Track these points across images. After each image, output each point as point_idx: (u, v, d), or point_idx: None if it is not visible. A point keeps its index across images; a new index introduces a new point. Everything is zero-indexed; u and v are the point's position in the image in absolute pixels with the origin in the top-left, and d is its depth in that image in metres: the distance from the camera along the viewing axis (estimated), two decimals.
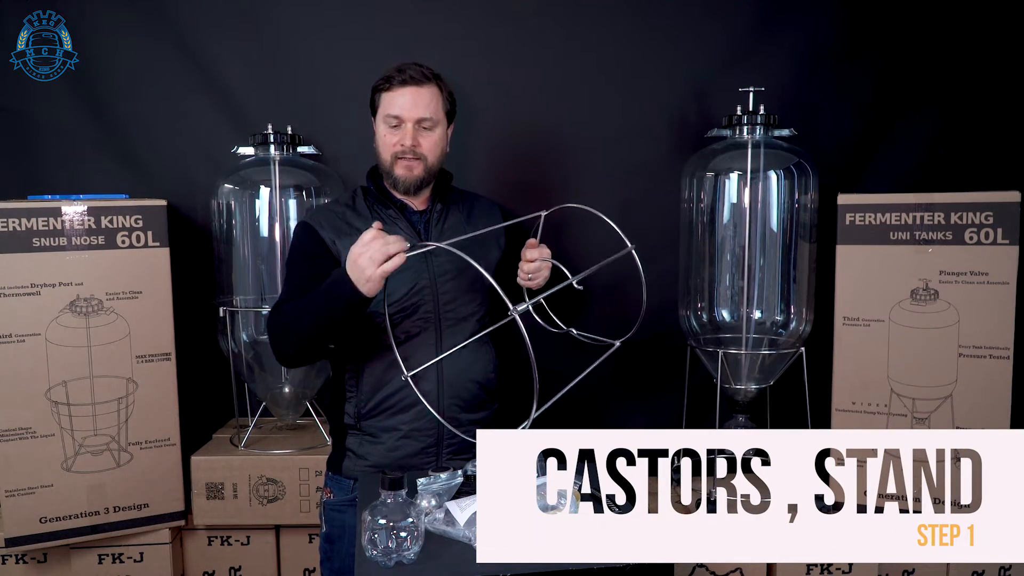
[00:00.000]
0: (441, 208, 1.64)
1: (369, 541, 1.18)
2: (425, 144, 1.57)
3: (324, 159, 2.16)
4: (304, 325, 1.45)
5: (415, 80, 1.55)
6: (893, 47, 2.16)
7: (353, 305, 1.35)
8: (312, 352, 1.56)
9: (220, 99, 2.19)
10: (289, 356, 1.55)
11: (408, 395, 1.55)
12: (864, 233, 1.92)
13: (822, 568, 1.92)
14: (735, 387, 2.00)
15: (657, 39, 2.19)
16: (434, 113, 1.57)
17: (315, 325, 1.44)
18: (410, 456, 1.58)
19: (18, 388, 1.85)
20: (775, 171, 1.94)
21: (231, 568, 2.07)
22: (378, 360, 1.56)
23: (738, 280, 1.97)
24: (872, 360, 1.92)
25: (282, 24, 2.18)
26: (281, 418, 2.20)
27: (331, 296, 1.38)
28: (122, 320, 1.92)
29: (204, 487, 1.99)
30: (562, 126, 2.21)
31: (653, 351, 2.25)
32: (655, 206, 2.19)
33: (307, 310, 1.44)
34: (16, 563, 1.96)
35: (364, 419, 1.59)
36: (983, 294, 1.85)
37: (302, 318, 1.45)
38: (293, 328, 1.48)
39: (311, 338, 1.47)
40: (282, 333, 1.50)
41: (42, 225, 1.85)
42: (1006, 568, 1.97)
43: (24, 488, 1.87)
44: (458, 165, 2.13)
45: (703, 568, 1.92)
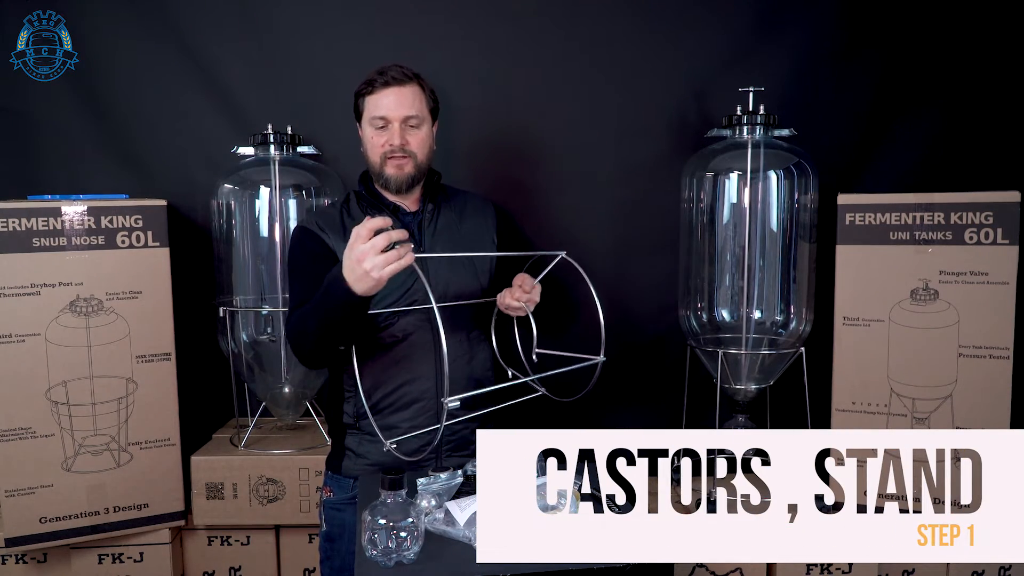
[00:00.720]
0: (433, 208, 1.65)
1: (369, 541, 1.18)
2: (413, 142, 1.58)
3: (324, 159, 2.16)
4: (311, 330, 1.46)
5: (397, 80, 1.56)
6: (893, 47, 2.16)
7: (349, 307, 1.35)
8: (329, 353, 1.55)
9: (220, 99, 2.19)
10: (309, 359, 1.57)
11: (406, 393, 1.56)
12: (864, 233, 1.92)
13: (822, 568, 1.92)
14: (735, 387, 2.00)
15: (657, 39, 2.19)
16: (419, 111, 1.58)
17: (319, 329, 1.44)
18: (409, 454, 1.58)
19: (18, 388, 1.85)
20: (775, 171, 1.94)
21: (231, 568, 2.07)
22: (376, 359, 1.56)
23: (738, 280, 1.97)
24: (872, 360, 1.92)
25: (282, 24, 2.18)
26: (281, 418, 2.20)
27: (327, 299, 1.38)
28: (122, 320, 1.92)
29: (204, 487, 1.99)
30: (562, 126, 2.21)
31: (653, 351, 2.25)
32: (655, 206, 2.19)
33: (310, 315, 1.44)
34: (16, 563, 1.96)
35: (363, 418, 1.59)
36: (983, 294, 1.85)
37: (307, 323, 1.46)
38: (303, 333, 1.49)
39: (320, 341, 1.47)
40: (296, 339, 1.52)
41: (42, 225, 1.85)
42: (1006, 568, 1.97)
43: (24, 488, 1.87)
44: (458, 165, 2.14)
45: (703, 568, 1.92)
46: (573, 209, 2.22)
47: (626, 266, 2.24)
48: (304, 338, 1.49)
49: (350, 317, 1.38)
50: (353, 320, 1.39)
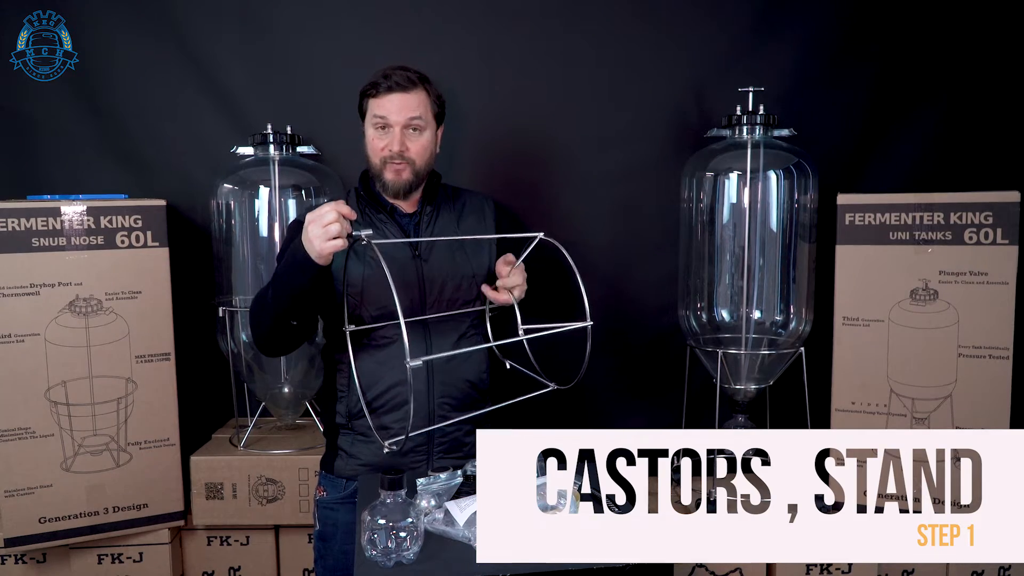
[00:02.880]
0: (431, 210, 1.64)
1: (369, 541, 1.18)
2: (413, 148, 1.57)
3: (324, 159, 2.16)
4: (270, 298, 1.47)
5: (401, 86, 1.55)
6: (893, 47, 2.16)
7: (306, 269, 1.37)
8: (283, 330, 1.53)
9: (220, 99, 2.19)
10: (264, 338, 1.54)
11: (398, 394, 1.55)
12: (864, 233, 1.92)
13: (822, 568, 1.92)
14: (735, 387, 2.00)
15: (657, 39, 2.19)
16: (422, 117, 1.57)
17: (278, 296, 1.45)
18: (401, 455, 1.57)
19: (17, 388, 1.85)
20: (775, 171, 1.94)
21: (230, 568, 2.07)
22: (368, 359, 1.56)
23: (738, 280, 1.97)
24: (872, 360, 1.92)
25: (282, 24, 2.18)
26: (280, 418, 2.20)
27: (287, 265, 1.41)
28: (121, 320, 1.92)
29: (203, 487, 1.99)
30: (562, 126, 2.21)
31: (653, 351, 2.25)
32: (655, 206, 2.19)
33: (270, 285, 1.47)
34: (16, 563, 1.96)
35: (356, 418, 1.59)
36: (983, 294, 1.85)
37: (266, 293, 1.48)
38: (263, 306, 1.49)
39: (277, 313, 1.47)
40: (255, 314, 1.53)
41: (41, 225, 1.85)
42: (1006, 568, 1.97)
43: (23, 488, 1.87)
44: (458, 165, 2.15)
45: (703, 568, 1.92)
46: (573, 209, 2.22)
47: (626, 266, 2.24)
48: (263, 311, 1.50)
49: (301, 281, 1.40)
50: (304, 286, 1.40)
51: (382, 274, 1.50)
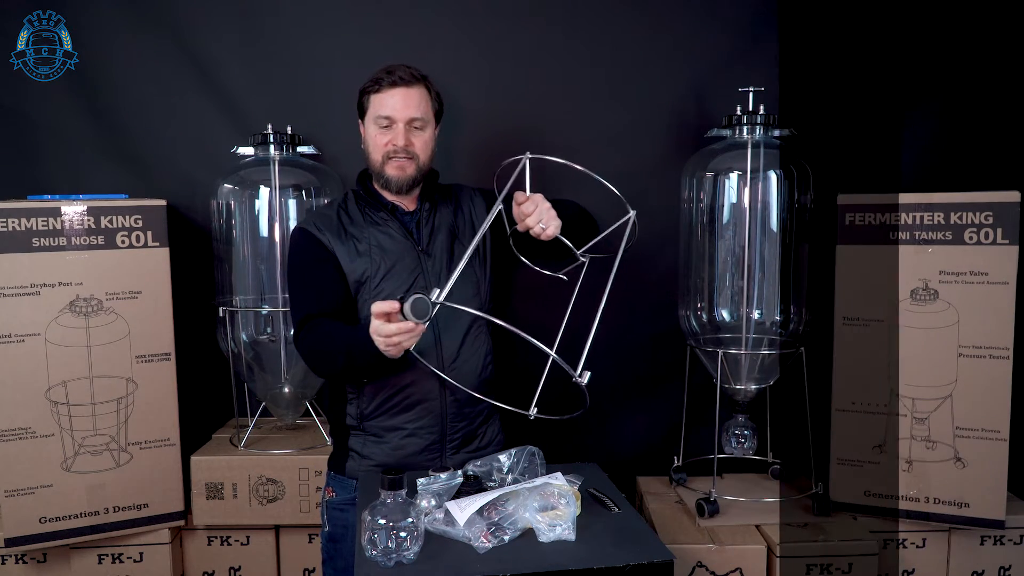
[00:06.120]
0: (430, 207, 1.65)
1: (369, 541, 1.18)
2: (417, 144, 1.59)
3: (324, 159, 2.16)
4: (339, 366, 1.50)
5: (404, 81, 1.56)
6: (892, 47, 2.16)
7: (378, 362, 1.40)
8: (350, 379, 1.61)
9: (220, 99, 2.19)
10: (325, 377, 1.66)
11: (411, 394, 1.56)
12: (864, 233, 1.92)
13: (822, 568, 1.92)
14: (735, 387, 2.00)
15: (657, 39, 2.19)
16: (424, 113, 1.59)
17: (347, 369, 1.51)
18: (415, 454, 1.58)
19: (18, 388, 1.85)
20: (775, 171, 1.94)
21: (231, 568, 2.07)
22: None
23: (738, 280, 1.97)
24: (872, 360, 1.92)
25: (282, 24, 2.18)
26: (281, 418, 2.20)
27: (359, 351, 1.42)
28: (122, 320, 1.92)
29: (204, 487, 1.99)
30: (562, 126, 2.21)
31: (653, 351, 2.25)
32: (655, 206, 2.18)
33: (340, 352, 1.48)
34: (16, 563, 1.96)
35: (367, 419, 1.59)
36: (983, 294, 1.85)
37: (336, 359, 1.49)
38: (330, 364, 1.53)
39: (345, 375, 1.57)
40: (319, 363, 1.57)
41: (42, 225, 1.85)
42: (1006, 568, 1.97)
43: (24, 488, 1.87)
44: (458, 164, 2.14)
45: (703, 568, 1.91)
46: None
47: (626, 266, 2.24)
48: (330, 366, 1.55)
49: (379, 366, 1.44)
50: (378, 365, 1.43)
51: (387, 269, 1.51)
